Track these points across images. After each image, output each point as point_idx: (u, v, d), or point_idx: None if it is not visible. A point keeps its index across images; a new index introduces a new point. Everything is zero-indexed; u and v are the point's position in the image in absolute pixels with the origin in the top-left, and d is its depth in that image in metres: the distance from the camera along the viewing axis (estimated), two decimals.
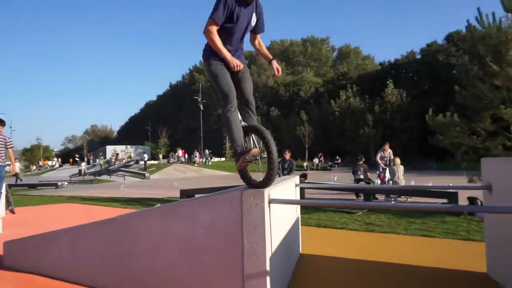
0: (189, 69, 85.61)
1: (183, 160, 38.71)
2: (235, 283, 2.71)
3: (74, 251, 3.61)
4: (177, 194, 13.03)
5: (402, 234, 5.76)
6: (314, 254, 4.61)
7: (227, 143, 47.75)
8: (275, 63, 3.22)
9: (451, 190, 8.14)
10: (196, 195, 11.38)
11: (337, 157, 37.33)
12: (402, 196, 9.06)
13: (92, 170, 37.01)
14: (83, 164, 40.50)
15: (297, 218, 4.64)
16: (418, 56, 48.68)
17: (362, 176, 9.86)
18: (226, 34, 2.82)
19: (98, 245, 3.46)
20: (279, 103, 60.81)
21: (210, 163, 37.63)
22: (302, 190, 7.64)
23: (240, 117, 2.89)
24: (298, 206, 4.89)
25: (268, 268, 2.65)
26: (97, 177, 29.73)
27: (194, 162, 37.01)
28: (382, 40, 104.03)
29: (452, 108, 9.61)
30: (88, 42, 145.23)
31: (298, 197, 4.65)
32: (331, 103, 44.96)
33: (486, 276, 3.71)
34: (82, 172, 32.82)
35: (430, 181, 13.88)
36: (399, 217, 6.99)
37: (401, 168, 10.07)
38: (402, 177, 9.88)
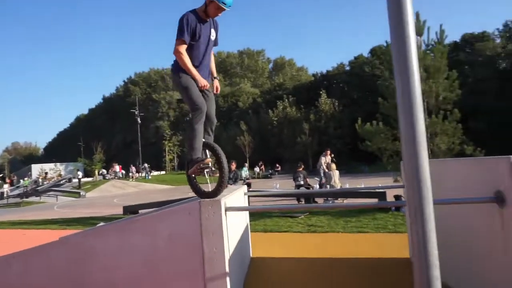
0: (124, 81, 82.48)
1: (120, 175, 37.12)
2: (198, 287, 2.94)
3: (26, 275, 3.54)
4: (119, 211, 12.66)
5: (340, 232, 6.37)
6: (264, 257, 4.95)
7: (167, 156, 46.81)
8: (216, 82, 3.55)
9: (380, 190, 9.09)
10: (141, 211, 11.18)
11: (277, 165, 38.49)
12: (339, 199, 9.84)
13: (17, 192, 33.86)
14: (6, 186, 36.87)
15: (247, 224, 4.97)
16: (347, 68, 52.30)
17: (302, 182, 10.52)
18: (190, 51, 3.04)
19: (52, 267, 3.45)
20: (218, 114, 60.80)
21: (150, 177, 36.53)
22: (248, 198, 7.99)
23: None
24: (247, 213, 5.22)
25: (227, 269, 2.93)
26: (25, 199, 27.32)
27: (131, 177, 35.56)
28: (314, 52, 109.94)
29: (379, 115, 10.78)
30: (4, 48, 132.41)
31: (247, 205, 4.99)
32: (269, 113, 46.36)
33: (409, 261, 4.35)
34: (5, 195, 29.92)
35: (362, 183, 15.09)
36: (337, 218, 7.64)
37: (337, 172, 10.92)
38: (338, 181, 10.72)
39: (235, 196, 3.87)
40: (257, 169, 37.07)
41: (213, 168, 3.24)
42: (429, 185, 1.14)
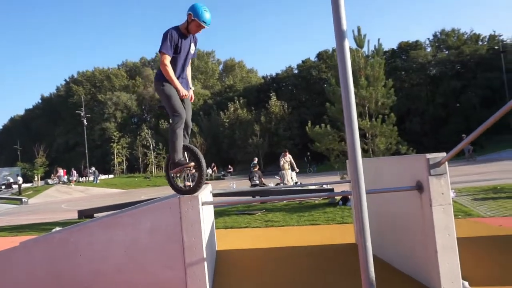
0: (65, 80, 77.88)
1: (65, 180, 35.30)
2: (178, 272, 3.37)
3: (10, 273, 3.72)
4: (71, 216, 12.43)
5: (295, 225, 7.04)
6: (229, 249, 5.46)
7: (115, 159, 45.25)
8: (191, 92, 3.98)
9: (329, 187, 9.98)
10: (96, 215, 11.09)
11: (229, 166, 39.00)
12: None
13: None
14: None
15: (213, 220, 5.45)
16: (296, 71, 54.19)
17: (257, 182, 11.14)
18: (172, 63, 3.43)
19: (37, 263, 3.67)
20: (168, 116, 60.17)
21: (98, 181, 35.18)
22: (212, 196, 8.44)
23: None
24: (212, 210, 5.69)
25: (205, 255, 3.40)
26: None
27: (71, 182, 33.80)
28: (264, 55, 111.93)
29: (326, 118, 11.74)
30: None
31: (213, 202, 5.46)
32: (221, 114, 46.72)
33: (355, 245, 5.10)
34: None
35: (312, 181, 16.11)
36: (291, 213, 8.34)
37: (289, 172, 11.70)
38: (291, 180, 11.50)
39: (205, 194, 4.34)
40: (209, 170, 37.24)
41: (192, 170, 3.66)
42: (363, 179, 1.74)
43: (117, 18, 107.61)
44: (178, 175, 3.62)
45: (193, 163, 3.47)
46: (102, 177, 39.09)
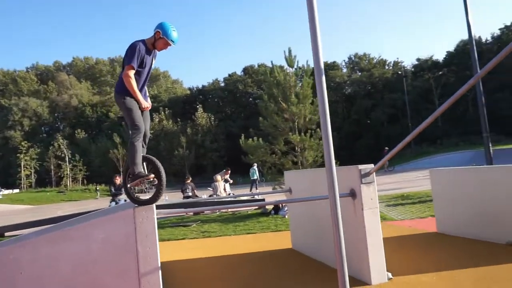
0: None
1: None
2: (132, 282, 3.40)
3: None
4: None
5: (232, 235, 7.29)
6: (170, 260, 5.49)
7: (22, 171, 40.75)
8: (149, 101, 4.03)
9: (260, 197, 10.43)
10: (8, 233, 9.99)
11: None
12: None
13: None
14: None
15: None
16: (222, 84, 54.91)
17: (190, 194, 11.15)
18: (135, 77, 3.47)
19: None
20: (86, 125, 56.27)
21: (1, 196, 31.25)
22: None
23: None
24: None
25: (159, 265, 3.49)
26: None
27: None
28: (189, 66, 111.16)
29: (252, 130, 12.25)
30: None
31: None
32: None
33: (291, 249, 5.54)
34: None
35: (244, 192, 16.52)
36: (227, 224, 8.57)
37: (222, 184, 11.94)
38: (223, 191, 11.73)
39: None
40: None
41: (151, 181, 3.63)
42: (336, 186, 2.10)
43: (29, 19, 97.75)
44: (136, 186, 3.65)
45: (152, 175, 3.54)
46: (5, 192, 34.85)
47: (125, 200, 11.11)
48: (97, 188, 32.92)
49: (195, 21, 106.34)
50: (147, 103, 3.60)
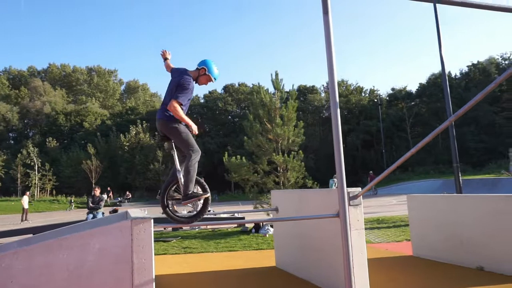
0: None
1: None
2: None
3: None
4: None
5: (214, 252, 7.35)
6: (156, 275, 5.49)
7: None
8: None
9: (240, 216, 10.52)
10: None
11: (127, 193, 36.83)
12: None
13: None
14: None
15: None
16: (202, 101, 55.01)
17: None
18: (182, 107, 3.60)
19: None
20: (58, 133, 54.59)
21: None
22: None
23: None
24: None
25: (153, 277, 3.56)
26: None
27: None
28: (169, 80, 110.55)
29: (230, 148, 12.42)
30: None
31: None
32: (121, 137, 44.33)
33: (275, 267, 5.68)
34: None
35: (224, 209, 16.50)
36: (207, 240, 8.60)
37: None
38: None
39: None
40: (104, 196, 34.61)
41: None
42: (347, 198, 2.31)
43: (4, 21, 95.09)
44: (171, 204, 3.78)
45: (208, 194, 3.66)
46: None
47: (103, 214, 10.91)
48: (72, 200, 31.71)
49: (177, 36, 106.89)
50: (196, 127, 3.68)
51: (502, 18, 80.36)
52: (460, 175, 10.83)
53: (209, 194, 3.74)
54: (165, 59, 4.27)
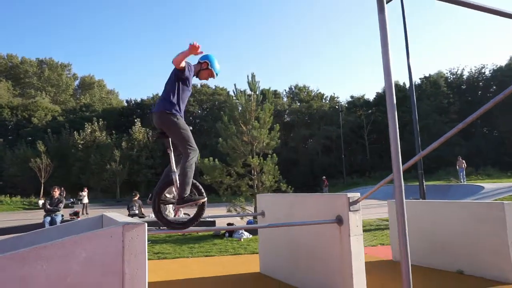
0: None
1: None
2: None
3: None
4: None
5: (190, 257, 7.02)
6: None
7: None
8: None
9: (210, 219, 10.21)
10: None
11: (80, 194, 34.72)
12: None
13: None
14: None
15: None
16: None
17: (137, 211, 10.52)
18: (181, 95, 3.37)
19: None
20: (2, 129, 50.60)
21: None
22: None
23: None
24: None
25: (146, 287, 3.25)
26: None
27: None
28: (126, 78, 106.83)
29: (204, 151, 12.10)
30: None
31: None
32: (74, 134, 41.92)
33: (260, 274, 5.51)
34: None
35: (190, 213, 15.98)
36: (180, 245, 8.23)
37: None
38: (172, 211, 11.26)
39: None
40: (63, 198, 32.43)
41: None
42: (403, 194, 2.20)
43: None
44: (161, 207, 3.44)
45: (205, 199, 3.37)
46: None
47: (62, 217, 10.13)
48: (41, 201, 29.05)
49: (141, 34, 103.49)
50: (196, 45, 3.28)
51: (452, 34, 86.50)
52: (424, 181, 11.32)
53: (206, 199, 3.48)
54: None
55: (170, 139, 3.45)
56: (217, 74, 3.67)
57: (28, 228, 8.88)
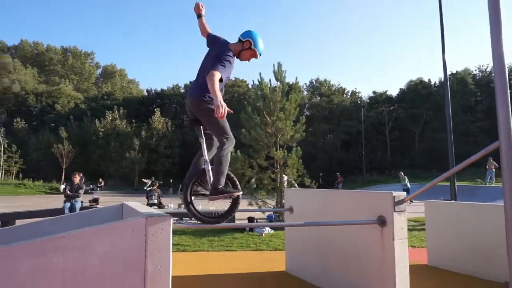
0: None
1: None
2: None
3: None
4: None
5: (210, 251, 6.75)
6: None
7: None
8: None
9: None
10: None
11: (100, 180, 35.28)
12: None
13: None
14: None
15: None
16: (182, 90, 53.66)
17: (156, 201, 10.35)
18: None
19: None
20: (27, 114, 51.74)
21: None
22: None
23: None
24: None
25: (170, 286, 2.96)
26: None
27: None
28: (147, 68, 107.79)
29: None
30: None
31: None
32: (96, 122, 42.48)
33: (285, 273, 5.17)
34: None
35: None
36: (200, 237, 7.98)
37: None
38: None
39: None
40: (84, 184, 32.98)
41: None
42: None
43: None
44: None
45: (241, 192, 3.08)
46: None
47: (82, 203, 10.04)
48: (62, 186, 29.59)
49: (161, 25, 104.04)
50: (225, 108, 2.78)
51: (482, 30, 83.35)
52: (455, 181, 10.71)
53: (241, 192, 3.15)
54: (199, 15, 3.50)
55: (202, 127, 3.14)
56: (260, 54, 3.26)
57: (48, 213, 8.78)
